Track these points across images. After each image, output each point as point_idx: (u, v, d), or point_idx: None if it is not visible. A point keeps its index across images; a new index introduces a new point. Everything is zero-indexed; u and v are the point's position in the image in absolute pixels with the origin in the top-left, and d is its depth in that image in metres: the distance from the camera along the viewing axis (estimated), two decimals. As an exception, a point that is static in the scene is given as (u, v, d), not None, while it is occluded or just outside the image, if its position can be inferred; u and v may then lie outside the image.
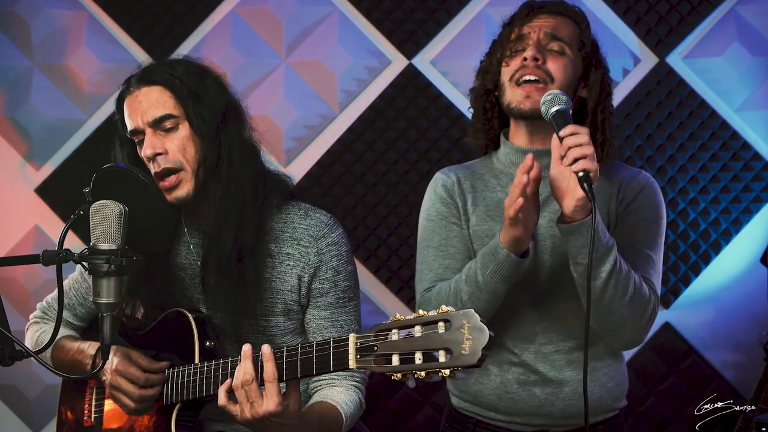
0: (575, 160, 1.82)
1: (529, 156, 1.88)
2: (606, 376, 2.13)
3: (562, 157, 1.85)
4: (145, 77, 2.00)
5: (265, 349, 1.77)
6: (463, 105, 3.34)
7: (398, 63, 3.37)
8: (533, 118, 2.05)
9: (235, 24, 3.39)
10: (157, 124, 1.97)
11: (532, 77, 2.03)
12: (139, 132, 2.00)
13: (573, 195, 1.86)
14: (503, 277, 1.97)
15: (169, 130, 1.98)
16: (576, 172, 1.82)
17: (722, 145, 3.30)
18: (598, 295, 1.94)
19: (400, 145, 3.36)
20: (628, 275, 1.95)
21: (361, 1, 3.37)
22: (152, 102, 1.98)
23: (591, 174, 1.81)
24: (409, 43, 3.36)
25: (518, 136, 2.15)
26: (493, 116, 2.20)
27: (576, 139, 1.84)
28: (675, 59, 3.32)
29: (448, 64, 3.35)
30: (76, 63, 3.40)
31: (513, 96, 2.06)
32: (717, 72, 3.31)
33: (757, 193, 3.29)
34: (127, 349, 2.03)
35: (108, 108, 3.38)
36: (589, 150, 1.82)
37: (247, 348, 1.79)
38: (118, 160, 2.07)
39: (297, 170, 3.31)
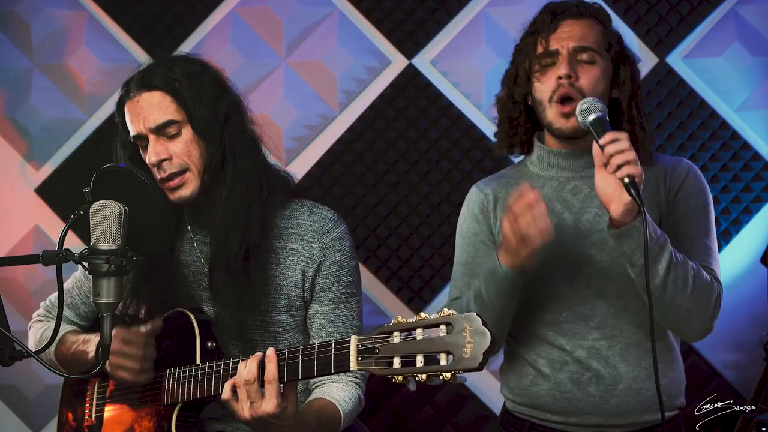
0: (618, 167, 1.83)
1: (517, 193, 1.92)
2: (662, 372, 2.08)
3: (605, 164, 1.86)
4: (145, 82, 1.99)
5: (269, 351, 1.78)
6: (464, 105, 3.35)
7: (398, 63, 3.37)
8: (569, 137, 2.08)
9: (235, 24, 3.39)
10: (160, 130, 1.97)
11: (568, 95, 2.03)
12: (141, 137, 2.00)
13: (619, 200, 1.87)
14: (504, 294, 2.01)
15: (172, 135, 1.98)
16: (621, 179, 1.83)
17: (722, 145, 3.30)
18: (659, 292, 1.92)
19: (400, 145, 3.36)
20: (686, 267, 1.94)
21: (361, 1, 3.37)
22: (153, 108, 1.97)
23: (636, 179, 1.82)
24: (409, 43, 3.36)
25: (554, 138, 2.15)
26: (519, 125, 2.20)
27: (617, 146, 1.84)
28: (675, 59, 3.32)
29: (448, 64, 3.35)
30: (76, 63, 3.40)
31: (553, 116, 2.07)
32: (717, 72, 3.31)
33: (757, 193, 3.29)
34: (124, 325, 2.02)
35: (108, 108, 3.37)
36: (632, 155, 1.83)
37: (258, 353, 1.80)
38: (120, 161, 2.07)
39: (297, 170, 3.30)
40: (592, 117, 1.91)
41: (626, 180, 1.82)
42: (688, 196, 2.08)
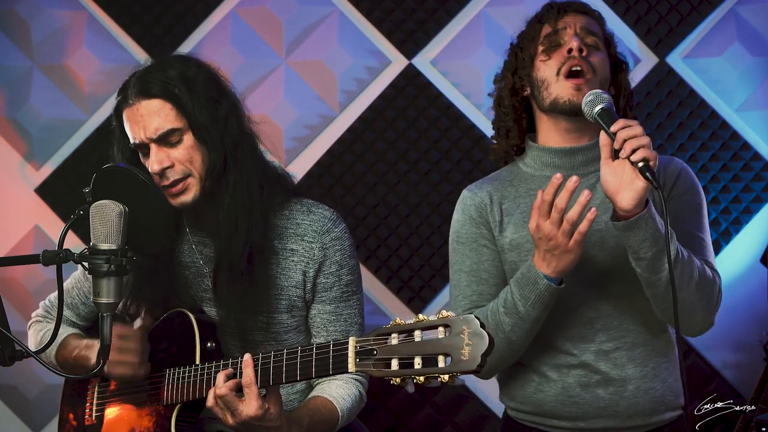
0: (633, 151, 1.80)
1: (551, 186, 1.87)
2: (666, 371, 2.08)
3: (616, 152, 1.83)
4: (143, 89, 1.97)
5: (246, 356, 1.81)
6: (464, 105, 3.35)
7: (398, 63, 3.37)
8: (575, 113, 2.01)
9: (235, 24, 3.39)
10: (162, 138, 1.96)
11: (579, 68, 2.00)
12: (142, 146, 1.99)
13: (630, 188, 1.83)
14: (544, 306, 1.96)
15: (173, 143, 1.97)
16: (636, 162, 1.80)
17: (722, 145, 3.30)
18: (664, 287, 1.90)
19: (400, 145, 3.36)
20: (690, 261, 1.93)
21: (361, 1, 3.37)
22: (154, 116, 1.96)
23: (651, 162, 1.80)
24: (409, 43, 3.36)
25: (551, 136, 2.11)
26: (522, 115, 2.16)
27: (631, 131, 1.82)
28: (675, 59, 3.32)
29: (448, 64, 3.35)
30: (76, 63, 3.40)
31: (562, 90, 2.02)
32: (717, 72, 3.31)
33: (757, 193, 3.29)
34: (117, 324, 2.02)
35: (108, 108, 3.36)
36: (646, 140, 1.81)
37: (228, 369, 1.84)
38: (118, 162, 2.07)
39: (297, 170, 3.30)
40: (599, 108, 1.89)
41: (641, 164, 1.79)
42: (682, 194, 2.07)
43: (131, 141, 1.99)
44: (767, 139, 3.32)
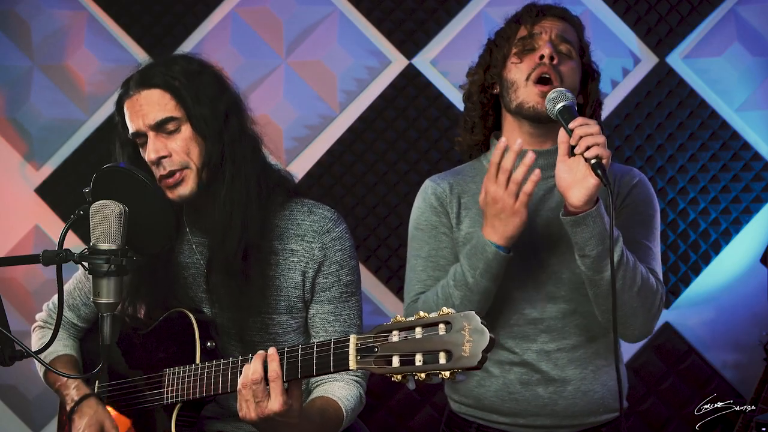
0: (587, 148, 1.83)
1: (497, 149, 1.91)
2: (607, 375, 2.12)
3: (572, 149, 1.87)
4: (144, 80, 1.99)
5: (271, 349, 1.78)
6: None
7: (398, 63, 3.37)
8: (539, 120, 2.05)
9: (235, 24, 3.39)
10: (159, 126, 1.97)
11: (548, 76, 2.02)
12: (141, 135, 2.00)
13: (582, 185, 1.87)
14: (493, 276, 1.99)
15: (171, 132, 1.98)
16: (589, 159, 1.83)
17: (722, 145, 3.30)
18: (606, 288, 1.93)
19: (400, 145, 3.36)
20: (635, 266, 1.96)
21: (361, 1, 3.38)
22: (153, 105, 1.97)
23: (604, 161, 1.83)
24: (409, 43, 3.37)
25: (514, 136, 2.12)
26: (489, 112, 2.19)
27: (587, 129, 1.85)
28: (675, 59, 3.32)
29: (448, 64, 3.36)
30: (76, 63, 3.40)
31: (528, 95, 2.04)
32: (717, 72, 3.31)
33: (757, 193, 3.29)
34: (101, 414, 2.05)
35: (108, 108, 3.38)
36: (601, 138, 1.84)
37: (261, 351, 1.80)
38: (119, 161, 2.07)
39: (297, 170, 3.31)
40: (560, 105, 1.92)
41: (593, 161, 1.83)
42: (634, 202, 2.10)
43: (130, 131, 2.00)
44: (767, 139, 3.32)
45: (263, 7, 3.39)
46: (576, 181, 1.88)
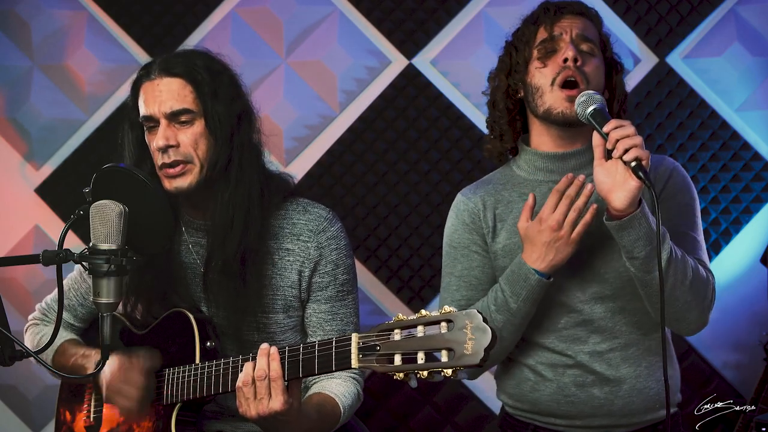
0: (626, 151, 1.82)
1: (566, 178, 1.92)
2: (661, 370, 2.06)
3: (609, 152, 1.85)
4: (168, 67, 1.99)
5: (273, 349, 1.78)
6: (464, 105, 3.35)
7: (398, 63, 3.37)
8: (569, 124, 2.04)
9: (235, 24, 3.39)
10: (174, 116, 1.97)
11: (573, 79, 2.01)
12: (152, 119, 2.00)
13: (623, 188, 1.85)
14: (535, 300, 2.00)
15: (183, 123, 1.98)
16: (629, 162, 1.82)
17: (722, 145, 3.30)
18: (658, 286, 1.90)
19: (400, 145, 3.36)
20: (684, 260, 1.94)
21: (361, 1, 3.37)
22: (172, 93, 1.97)
23: (644, 162, 1.81)
24: (409, 43, 3.37)
25: (544, 140, 2.11)
26: (516, 117, 2.17)
27: (623, 131, 1.84)
28: (675, 59, 3.32)
29: (448, 64, 3.35)
30: (76, 63, 3.40)
31: (555, 100, 2.02)
32: (717, 72, 3.31)
33: (757, 193, 3.29)
34: (127, 353, 2.03)
35: (108, 108, 3.38)
36: (639, 139, 1.83)
37: (265, 345, 1.80)
38: (126, 143, 2.07)
39: (297, 170, 3.30)
40: (591, 108, 1.90)
41: (633, 164, 1.81)
42: (674, 193, 2.08)
43: (142, 113, 2.00)
44: (767, 139, 3.32)
45: (263, 7, 3.39)
46: (616, 185, 1.86)
